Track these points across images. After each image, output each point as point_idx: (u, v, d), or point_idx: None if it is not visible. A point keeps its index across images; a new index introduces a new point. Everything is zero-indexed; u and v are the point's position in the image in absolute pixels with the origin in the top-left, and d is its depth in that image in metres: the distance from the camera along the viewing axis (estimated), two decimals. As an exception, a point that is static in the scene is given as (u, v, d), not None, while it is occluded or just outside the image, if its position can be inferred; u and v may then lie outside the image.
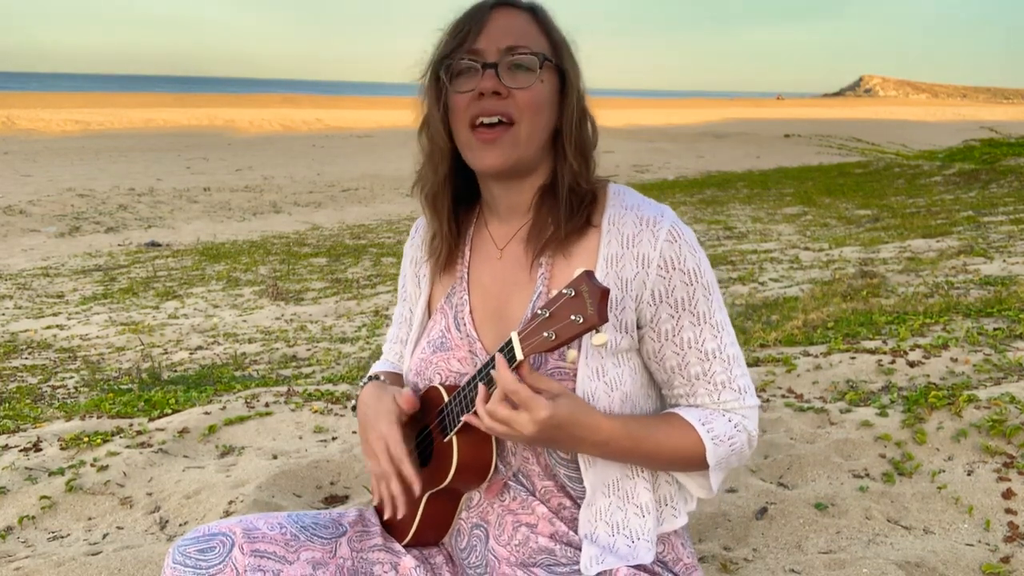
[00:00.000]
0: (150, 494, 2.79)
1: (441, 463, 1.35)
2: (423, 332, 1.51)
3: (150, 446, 3.12)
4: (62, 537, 2.59)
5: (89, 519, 2.69)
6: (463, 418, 1.28)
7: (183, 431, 3.25)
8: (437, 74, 1.36)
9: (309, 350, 5.62)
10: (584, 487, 1.36)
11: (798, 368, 3.56)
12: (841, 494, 2.48)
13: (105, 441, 3.16)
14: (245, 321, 6.85)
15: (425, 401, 1.42)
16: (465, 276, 1.47)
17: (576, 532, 1.38)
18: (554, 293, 1.16)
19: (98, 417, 3.58)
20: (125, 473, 2.90)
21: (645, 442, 1.30)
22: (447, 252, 1.48)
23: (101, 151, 23.86)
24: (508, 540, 1.39)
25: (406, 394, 1.41)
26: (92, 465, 2.94)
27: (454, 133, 1.38)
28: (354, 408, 1.59)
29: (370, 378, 1.56)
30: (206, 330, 6.56)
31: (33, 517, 2.68)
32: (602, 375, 1.32)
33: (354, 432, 3.23)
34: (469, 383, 1.29)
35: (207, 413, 3.43)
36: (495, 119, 1.32)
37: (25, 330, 6.82)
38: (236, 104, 51.98)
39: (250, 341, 6.05)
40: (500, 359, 1.21)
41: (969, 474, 2.56)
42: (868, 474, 2.62)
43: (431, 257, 1.50)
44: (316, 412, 3.44)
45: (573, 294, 1.13)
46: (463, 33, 1.34)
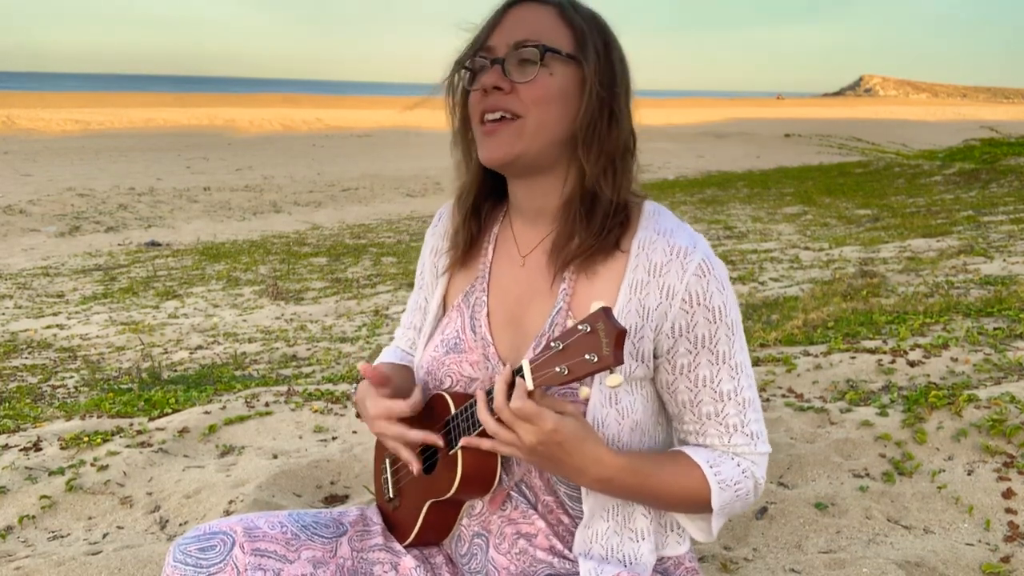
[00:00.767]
0: (150, 493, 2.79)
1: (445, 474, 1.33)
2: (437, 327, 1.49)
3: (150, 446, 3.12)
4: (62, 537, 2.59)
5: (89, 519, 2.69)
6: (463, 441, 1.26)
7: (183, 431, 3.25)
8: (458, 76, 1.35)
9: (309, 350, 5.62)
10: (581, 508, 1.35)
11: (798, 368, 3.56)
12: (841, 494, 2.48)
13: (105, 441, 3.16)
14: (245, 321, 6.85)
15: (431, 408, 1.40)
16: (486, 276, 1.44)
17: (571, 550, 1.36)
18: (569, 322, 1.13)
19: (98, 417, 3.58)
20: (125, 473, 2.90)
21: (649, 480, 1.26)
22: (462, 253, 1.46)
23: (101, 151, 23.86)
24: (508, 549, 1.38)
25: (362, 367, 1.38)
26: (92, 465, 2.94)
27: (472, 127, 1.35)
28: (358, 416, 1.56)
29: (359, 381, 1.55)
30: (206, 330, 6.56)
31: (33, 517, 2.68)
32: (614, 402, 1.29)
33: (354, 432, 3.24)
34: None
35: (207, 413, 3.43)
36: (498, 115, 1.29)
37: (25, 330, 6.82)
38: (236, 104, 51.98)
39: (250, 341, 6.05)
40: (508, 372, 1.19)
41: (969, 474, 2.56)
42: (868, 474, 2.62)
43: (451, 250, 1.48)
44: (316, 412, 3.44)
45: (589, 330, 1.09)
46: (480, 33, 1.32)
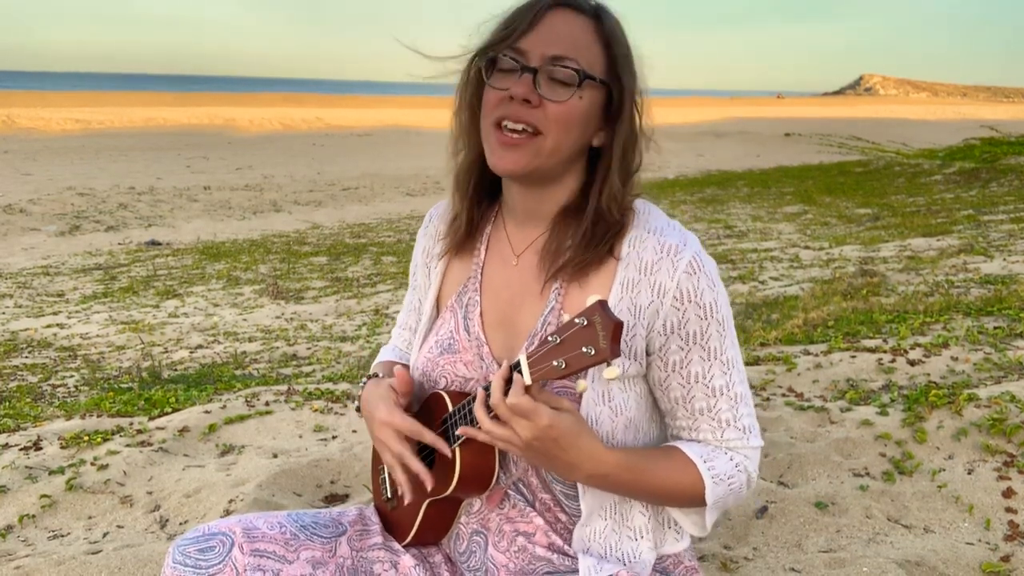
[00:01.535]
0: (150, 493, 2.79)
1: (444, 472, 1.34)
2: (431, 328, 1.49)
3: (150, 445, 3.12)
4: (62, 536, 2.59)
5: (89, 518, 2.69)
6: (460, 430, 1.26)
7: (183, 430, 3.25)
8: (478, 62, 1.31)
9: (309, 349, 5.62)
10: (578, 506, 1.35)
11: (798, 367, 3.56)
12: (841, 493, 2.47)
13: (105, 440, 3.16)
14: (245, 320, 6.85)
15: (428, 407, 1.40)
16: (478, 276, 1.44)
17: (571, 546, 1.37)
18: (566, 317, 1.13)
19: (98, 416, 3.58)
20: (125, 472, 2.90)
21: (644, 475, 1.27)
22: (461, 237, 1.45)
23: (101, 150, 23.86)
24: (507, 547, 1.39)
25: (399, 371, 1.38)
26: (92, 464, 2.94)
27: (481, 125, 1.33)
28: (358, 409, 1.56)
29: (369, 377, 1.54)
30: (206, 329, 6.56)
31: (33, 516, 2.68)
32: (608, 400, 1.29)
33: (354, 431, 3.24)
34: (475, 398, 1.26)
35: (207, 412, 3.43)
36: (520, 127, 1.27)
37: (25, 329, 6.82)
38: (236, 103, 51.99)
39: (250, 340, 6.05)
40: (506, 368, 1.19)
41: (969, 473, 2.56)
42: (868, 473, 2.62)
43: (447, 237, 1.47)
44: (316, 411, 3.44)
45: (585, 323, 1.10)
46: (513, 26, 1.28)
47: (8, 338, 6.49)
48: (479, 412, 1.21)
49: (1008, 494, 2.43)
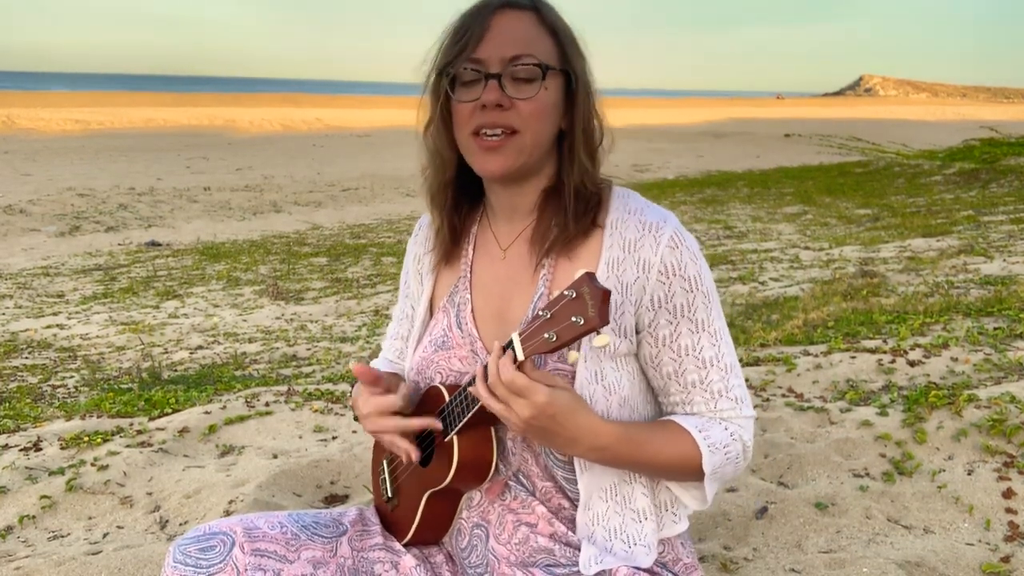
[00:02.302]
0: (150, 493, 2.79)
1: (442, 463, 1.35)
2: (425, 330, 1.51)
3: (150, 445, 3.12)
4: (62, 536, 2.59)
5: (89, 518, 2.69)
6: (469, 389, 1.27)
7: (183, 430, 3.25)
8: (440, 80, 1.34)
9: (309, 349, 5.62)
10: (579, 488, 1.36)
11: (798, 367, 3.56)
12: (841, 493, 2.48)
13: (105, 440, 3.17)
14: (245, 320, 6.85)
15: (426, 400, 1.42)
16: (468, 275, 1.47)
17: (575, 533, 1.38)
18: (556, 294, 1.15)
19: (98, 416, 3.58)
20: (125, 472, 2.90)
21: (642, 448, 1.29)
22: (448, 247, 1.49)
23: (101, 151, 23.86)
24: (508, 539, 1.39)
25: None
26: (92, 464, 2.94)
27: (456, 138, 1.37)
28: (356, 419, 1.60)
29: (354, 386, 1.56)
30: (206, 329, 6.56)
31: (33, 516, 2.68)
32: (601, 378, 1.31)
33: (354, 432, 3.24)
34: (470, 383, 1.28)
35: (207, 412, 3.43)
36: (498, 131, 1.31)
37: (25, 329, 6.82)
38: (236, 104, 51.97)
39: (250, 340, 6.06)
40: (498, 349, 1.20)
41: (969, 473, 2.56)
42: (868, 473, 2.62)
43: (433, 249, 1.51)
44: (316, 411, 3.44)
45: (574, 295, 1.12)
46: (465, 39, 1.31)
47: (8, 339, 6.49)
48: (480, 388, 1.23)
49: (1008, 495, 2.43)
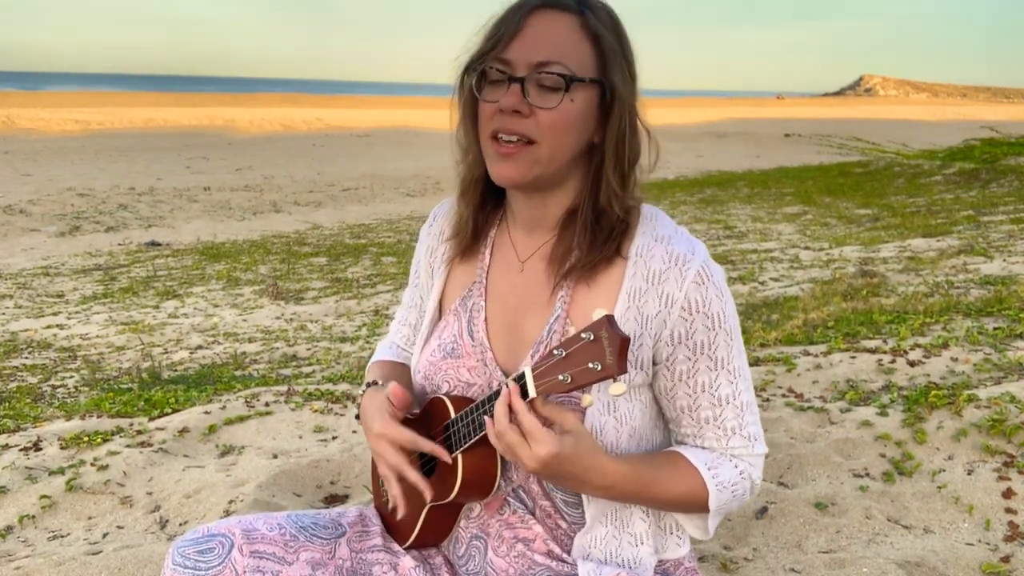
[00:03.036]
0: (150, 493, 2.79)
1: (445, 478, 1.33)
2: (434, 330, 1.48)
3: (150, 445, 3.12)
4: (62, 536, 2.59)
5: (89, 518, 2.69)
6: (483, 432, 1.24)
7: (183, 430, 3.25)
8: (468, 76, 1.30)
9: (309, 349, 5.62)
10: (579, 513, 1.35)
11: (798, 367, 3.56)
12: (841, 493, 2.47)
13: (105, 440, 3.16)
14: (245, 320, 6.85)
15: (430, 412, 1.39)
16: (483, 281, 1.42)
17: (570, 554, 1.37)
18: (571, 329, 1.12)
19: (98, 416, 3.57)
20: (125, 472, 2.90)
21: (650, 486, 1.27)
22: (467, 243, 1.44)
23: (101, 151, 23.86)
24: (506, 552, 1.38)
25: (394, 389, 1.36)
26: (92, 464, 2.94)
27: (480, 137, 1.31)
28: (357, 417, 1.55)
29: (369, 385, 1.53)
30: (206, 329, 6.56)
31: (33, 516, 2.68)
32: (613, 410, 1.29)
33: (354, 432, 3.24)
34: (480, 406, 1.26)
35: (207, 412, 3.43)
36: (514, 138, 1.25)
37: (25, 329, 6.82)
38: (236, 104, 51.99)
39: (250, 340, 6.05)
40: (513, 388, 1.18)
41: (969, 473, 2.56)
42: (868, 473, 2.62)
43: (453, 237, 1.45)
44: (316, 412, 3.44)
45: (592, 338, 1.09)
46: (497, 36, 1.26)
47: (8, 339, 6.49)
48: (488, 429, 1.21)
49: (1008, 495, 2.43)
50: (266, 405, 3.54)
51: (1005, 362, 3.45)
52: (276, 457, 3.00)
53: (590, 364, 1.09)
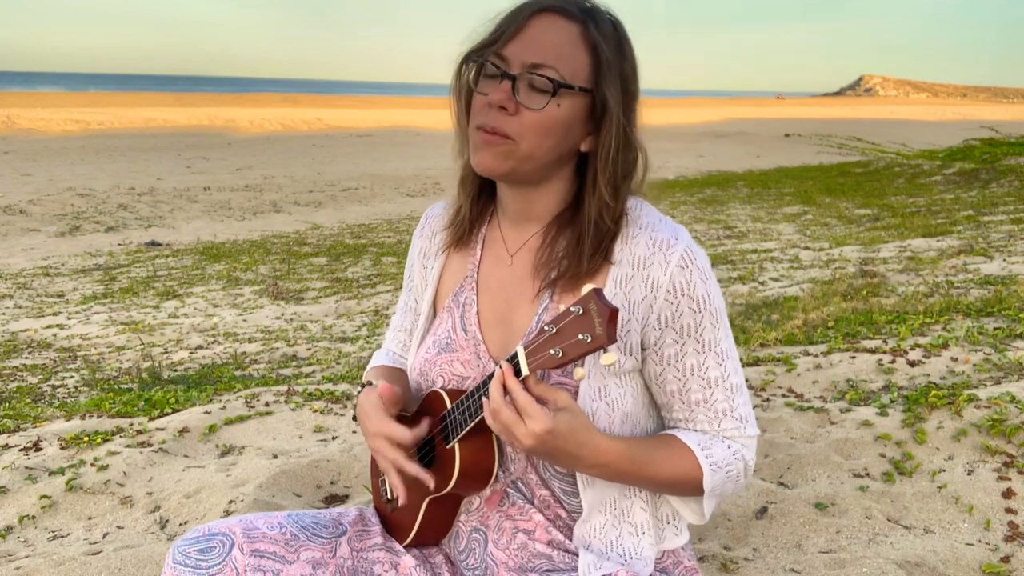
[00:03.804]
0: (150, 493, 2.79)
1: (443, 469, 1.34)
2: (428, 328, 1.50)
3: (150, 445, 3.12)
4: (62, 536, 2.59)
5: (89, 519, 2.69)
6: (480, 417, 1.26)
7: (183, 430, 3.25)
8: (466, 67, 1.33)
9: (309, 349, 5.62)
10: (577, 502, 1.36)
11: (798, 367, 3.56)
12: (841, 493, 2.48)
13: (105, 440, 3.17)
14: (245, 320, 6.85)
15: (427, 405, 1.41)
16: (474, 275, 1.45)
17: (572, 541, 1.37)
18: (562, 308, 1.14)
19: (98, 416, 3.58)
20: (125, 472, 2.90)
21: (644, 465, 1.28)
22: (463, 233, 1.46)
23: (101, 151, 23.87)
24: (507, 545, 1.39)
25: (382, 386, 1.39)
26: (92, 464, 2.94)
27: (468, 126, 1.34)
28: (355, 418, 1.56)
29: (364, 386, 1.54)
30: (206, 329, 6.56)
31: (33, 516, 2.68)
32: (604, 395, 1.30)
33: (354, 432, 3.24)
34: (474, 392, 1.28)
35: (207, 412, 3.43)
36: (495, 132, 1.28)
37: (25, 329, 6.82)
38: (236, 104, 52.00)
39: (250, 340, 6.05)
40: (506, 367, 1.19)
41: (969, 473, 2.56)
42: (868, 473, 2.62)
43: (449, 227, 1.48)
44: (316, 411, 3.44)
45: (581, 312, 1.11)
46: (500, 32, 1.28)
47: (8, 339, 6.49)
48: (484, 408, 1.22)
49: (1008, 495, 2.43)
50: (266, 405, 3.54)
51: (1005, 362, 3.45)
52: (276, 457, 3.00)
53: (580, 336, 1.10)
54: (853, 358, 3.60)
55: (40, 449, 3.16)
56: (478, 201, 1.46)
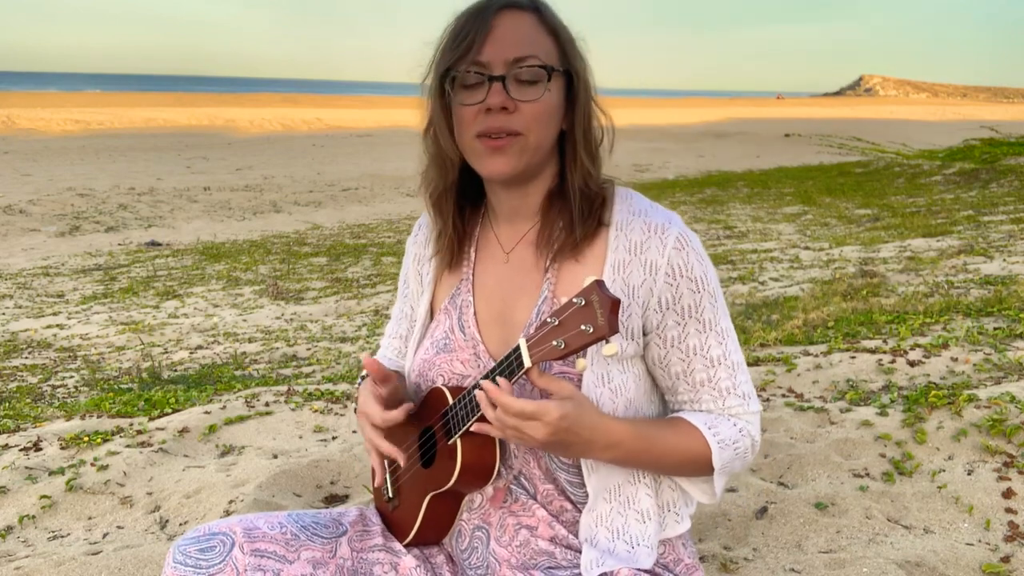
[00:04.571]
0: (150, 493, 2.79)
1: (445, 465, 1.35)
2: (426, 332, 1.50)
3: (150, 445, 3.12)
4: (62, 536, 2.59)
5: (89, 518, 2.69)
6: (473, 427, 1.27)
7: (183, 430, 3.25)
8: (442, 83, 1.33)
9: (309, 349, 5.62)
10: (584, 492, 1.36)
11: (798, 367, 3.56)
12: (841, 493, 2.48)
13: (105, 440, 3.17)
14: (245, 320, 6.85)
15: (428, 402, 1.41)
16: (470, 278, 1.46)
17: (576, 536, 1.38)
18: (562, 300, 1.15)
19: (98, 416, 3.58)
20: (125, 472, 2.90)
21: (654, 444, 1.30)
22: (452, 251, 1.47)
23: (101, 151, 23.86)
24: (509, 542, 1.39)
25: (366, 359, 1.40)
26: (92, 464, 2.94)
27: (458, 140, 1.36)
28: (356, 411, 1.59)
29: (363, 377, 1.55)
30: (206, 329, 6.56)
31: (33, 516, 2.68)
32: (607, 381, 1.31)
33: (354, 432, 3.24)
34: (475, 386, 1.28)
35: (207, 412, 3.43)
36: (503, 134, 1.30)
37: (25, 329, 6.82)
38: (236, 104, 51.98)
39: (250, 340, 6.05)
40: (503, 383, 1.21)
41: (969, 473, 2.56)
42: (868, 473, 2.62)
43: (437, 254, 1.49)
44: (316, 411, 3.44)
45: (583, 303, 1.12)
46: (467, 41, 1.29)
47: (8, 339, 6.49)
48: (489, 417, 1.23)
49: (1008, 495, 2.43)
50: (266, 405, 3.55)
51: (1005, 362, 3.45)
52: (276, 457, 3.00)
53: (582, 327, 1.11)
54: (853, 358, 3.60)
55: (40, 449, 3.16)
56: (460, 217, 1.47)
